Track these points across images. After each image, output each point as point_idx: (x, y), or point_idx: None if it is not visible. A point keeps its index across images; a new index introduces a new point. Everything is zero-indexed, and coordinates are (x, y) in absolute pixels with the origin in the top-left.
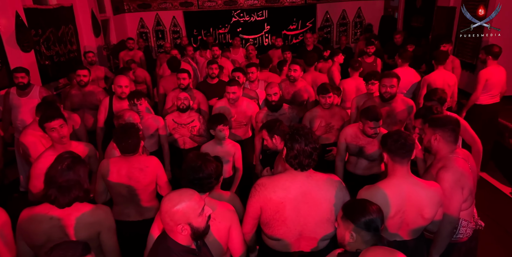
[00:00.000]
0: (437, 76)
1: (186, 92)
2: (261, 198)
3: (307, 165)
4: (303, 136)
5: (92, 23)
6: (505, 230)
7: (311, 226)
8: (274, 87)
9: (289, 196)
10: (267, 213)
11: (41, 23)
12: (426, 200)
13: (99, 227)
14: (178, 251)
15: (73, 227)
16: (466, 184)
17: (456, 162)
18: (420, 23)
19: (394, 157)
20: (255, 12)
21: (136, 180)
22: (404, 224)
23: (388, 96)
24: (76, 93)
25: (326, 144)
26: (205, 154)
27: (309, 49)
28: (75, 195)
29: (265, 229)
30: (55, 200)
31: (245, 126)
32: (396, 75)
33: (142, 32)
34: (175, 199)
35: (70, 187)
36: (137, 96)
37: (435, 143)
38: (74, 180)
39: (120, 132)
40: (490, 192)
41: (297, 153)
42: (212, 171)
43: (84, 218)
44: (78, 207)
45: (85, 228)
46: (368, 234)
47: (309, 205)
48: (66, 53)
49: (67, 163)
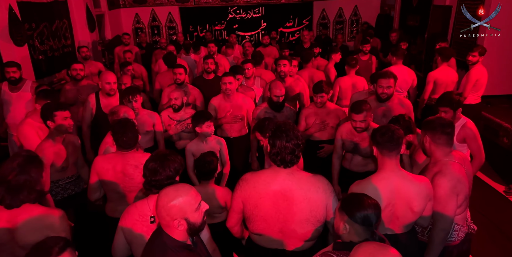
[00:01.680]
0: (442, 72)
1: (181, 88)
2: (242, 193)
3: (290, 162)
4: (284, 132)
5: (87, 18)
6: (499, 229)
7: (290, 224)
8: (283, 88)
9: (268, 192)
10: (247, 208)
11: (35, 17)
12: (414, 193)
13: (49, 232)
14: (173, 246)
15: (19, 231)
16: (461, 190)
17: (452, 167)
18: (416, 22)
19: (383, 150)
20: (252, 9)
21: (131, 177)
22: (394, 217)
23: (385, 97)
24: (70, 88)
25: (319, 140)
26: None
27: (306, 47)
28: (24, 196)
29: (247, 223)
30: (2, 199)
31: (240, 121)
32: (394, 76)
33: (137, 28)
34: (171, 194)
35: (19, 187)
36: (132, 93)
37: (427, 144)
38: (25, 180)
39: (118, 126)
40: (484, 191)
41: (279, 150)
42: (172, 172)
43: (33, 222)
44: (28, 209)
45: (33, 232)
46: (361, 227)
47: (288, 202)
48: (60, 48)
49: (18, 161)
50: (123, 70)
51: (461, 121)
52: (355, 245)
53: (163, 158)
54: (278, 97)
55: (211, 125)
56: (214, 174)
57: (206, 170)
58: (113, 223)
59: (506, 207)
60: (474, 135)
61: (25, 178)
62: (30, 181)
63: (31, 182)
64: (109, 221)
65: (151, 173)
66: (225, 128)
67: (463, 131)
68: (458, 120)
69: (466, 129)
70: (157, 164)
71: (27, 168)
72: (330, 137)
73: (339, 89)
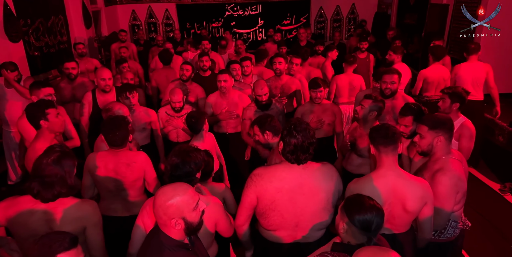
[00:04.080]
0: (433, 71)
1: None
2: (258, 188)
3: (304, 160)
4: (301, 131)
5: (83, 14)
6: (493, 226)
7: (307, 216)
8: (264, 87)
9: (286, 187)
10: (263, 203)
11: (30, 13)
12: (408, 192)
13: (85, 222)
14: (171, 245)
15: (57, 221)
16: (461, 188)
17: (452, 164)
18: (413, 20)
19: (378, 146)
20: (249, 6)
21: (123, 175)
22: (391, 216)
23: (389, 93)
24: (65, 86)
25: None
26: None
27: (302, 45)
28: (58, 191)
29: (261, 220)
30: (37, 194)
31: (236, 118)
32: (397, 72)
33: (134, 25)
34: (169, 193)
35: (53, 182)
36: (129, 89)
37: (438, 144)
38: (58, 175)
39: (108, 123)
40: (479, 189)
41: (294, 148)
42: (192, 169)
43: (70, 212)
44: (64, 201)
45: (70, 222)
46: (358, 231)
47: (306, 196)
48: (56, 44)
49: (53, 157)
50: (119, 67)
51: (460, 120)
52: (352, 248)
53: (185, 154)
54: (261, 96)
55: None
56: (211, 174)
57: (204, 171)
58: (107, 221)
59: (501, 205)
60: (471, 135)
61: (58, 173)
62: (63, 176)
63: (64, 177)
64: (103, 219)
65: (172, 168)
66: (221, 124)
67: (460, 129)
68: (456, 118)
69: (464, 127)
70: (179, 160)
71: (61, 163)
72: (327, 134)
73: (335, 87)
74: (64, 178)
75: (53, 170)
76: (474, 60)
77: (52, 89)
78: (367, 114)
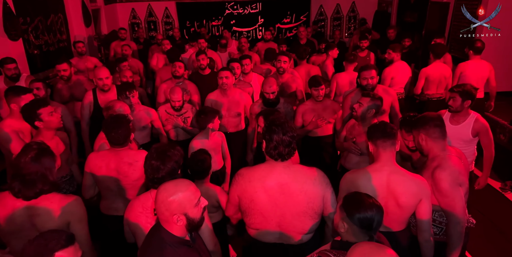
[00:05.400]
0: (434, 69)
1: (178, 82)
2: (238, 187)
3: (287, 154)
4: (280, 126)
5: (83, 12)
6: (493, 224)
7: (288, 217)
8: (273, 85)
9: (264, 186)
10: (243, 201)
11: (30, 11)
12: (402, 187)
13: (68, 217)
14: (172, 242)
15: (40, 217)
16: (463, 181)
17: (450, 160)
18: (414, 19)
19: (376, 141)
20: (249, 4)
21: (125, 174)
22: (384, 212)
23: (370, 88)
24: (62, 87)
25: (317, 136)
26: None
27: (302, 43)
28: (40, 188)
29: (244, 218)
30: (19, 192)
31: (237, 117)
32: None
33: (133, 23)
34: (171, 189)
35: (34, 180)
36: (129, 89)
37: (423, 142)
38: (38, 172)
39: (110, 121)
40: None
41: (276, 144)
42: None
43: (53, 208)
44: (46, 197)
45: (53, 218)
46: (358, 229)
47: (285, 196)
48: (56, 43)
49: (31, 155)
50: (119, 66)
51: (473, 116)
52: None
53: (163, 154)
54: (269, 94)
55: (217, 120)
56: (209, 173)
57: (200, 169)
58: (108, 220)
59: (502, 203)
60: (487, 129)
61: (38, 170)
62: (43, 173)
63: (45, 174)
64: (104, 218)
65: (153, 170)
66: (222, 123)
67: (476, 125)
68: (468, 115)
69: (479, 123)
70: (159, 162)
71: (40, 160)
72: (328, 131)
73: (336, 85)
74: (45, 175)
75: (32, 168)
76: (478, 59)
77: (31, 95)
78: (365, 112)
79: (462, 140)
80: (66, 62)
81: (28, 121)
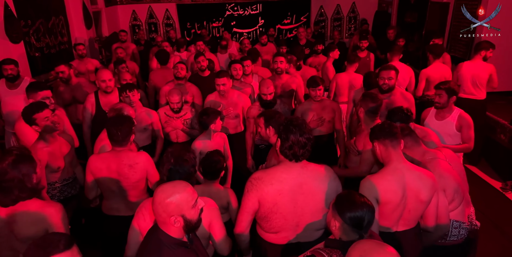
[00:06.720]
0: (435, 69)
1: (179, 84)
2: (259, 192)
3: (302, 155)
4: (297, 126)
5: (84, 14)
6: (494, 224)
7: (307, 216)
8: (270, 86)
9: (286, 188)
10: (265, 206)
11: (31, 13)
12: (420, 183)
13: (45, 224)
14: (169, 243)
15: (17, 223)
16: (446, 185)
17: (433, 164)
18: (414, 19)
19: (385, 141)
20: (249, 5)
21: (125, 176)
22: (407, 210)
23: (387, 88)
24: (64, 90)
25: (317, 135)
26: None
27: (302, 44)
28: (16, 195)
29: (262, 223)
30: None
31: (236, 118)
32: (395, 68)
33: (134, 25)
34: (168, 190)
35: (10, 187)
36: (129, 87)
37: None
38: (15, 179)
39: (113, 119)
40: (480, 187)
41: (292, 144)
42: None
43: (30, 215)
44: (25, 204)
45: (31, 225)
46: (349, 228)
47: (305, 195)
48: (57, 45)
49: (8, 161)
50: (118, 68)
51: (456, 112)
52: (345, 244)
53: (181, 159)
54: (266, 95)
55: (219, 121)
56: (220, 174)
57: (213, 170)
58: (110, 220)
59: (503, 203)
60: (469, 124)
61: (15, 177)
62: (21, 180)
63: (22, 181)
64: (106, 218)
65: (172, 173)
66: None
67: (460, 120)
68: (452, 111)
69: (463, 118)
70: (177, 165)
71: (18, 166)
72: (328, 131)
73: (335, 85)
74: (22, 182)
75: (9, 174)
76: (478, 59)
77: (49, 92)
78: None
79: (448, 134)
80: (63, 64)
81: (28, 125)
